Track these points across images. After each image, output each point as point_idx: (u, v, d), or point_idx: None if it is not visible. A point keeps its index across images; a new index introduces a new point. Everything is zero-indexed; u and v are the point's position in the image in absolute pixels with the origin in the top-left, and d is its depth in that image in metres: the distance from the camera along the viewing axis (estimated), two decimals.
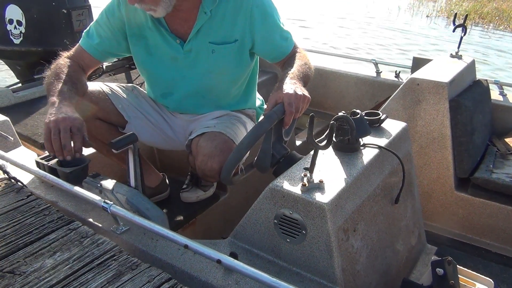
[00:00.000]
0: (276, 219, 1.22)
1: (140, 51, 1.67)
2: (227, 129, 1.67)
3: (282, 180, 1.22)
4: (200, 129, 1.68)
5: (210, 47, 1.60)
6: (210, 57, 1.62)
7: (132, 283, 1.10)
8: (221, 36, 1.59)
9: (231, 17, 1.56)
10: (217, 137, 1.60)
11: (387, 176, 1.42)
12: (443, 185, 2.17)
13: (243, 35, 1.60)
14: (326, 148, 1.12)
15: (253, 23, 1.57)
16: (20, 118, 2.27)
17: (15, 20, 2.85)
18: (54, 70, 1.57)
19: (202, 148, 1.57)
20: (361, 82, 2.96)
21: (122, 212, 1.28)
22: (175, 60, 1.64)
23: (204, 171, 1.56)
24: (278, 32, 1.61)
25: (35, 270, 1.14)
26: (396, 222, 1.50)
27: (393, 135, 1.48)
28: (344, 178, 1.22)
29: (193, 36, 1.58)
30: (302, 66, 1.54)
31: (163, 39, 1.61)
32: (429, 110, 2.11)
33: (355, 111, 1.37)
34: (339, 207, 1.17)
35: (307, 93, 1.41)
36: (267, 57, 1.68)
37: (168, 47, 1.62)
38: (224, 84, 1.72)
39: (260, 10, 1.56)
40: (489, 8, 12.34)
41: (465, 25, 2.43)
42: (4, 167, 1.60)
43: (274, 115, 1.34)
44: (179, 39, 1.60)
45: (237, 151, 1.35)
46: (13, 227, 1.31)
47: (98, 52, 1.65)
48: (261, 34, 1.60)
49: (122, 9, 1.59)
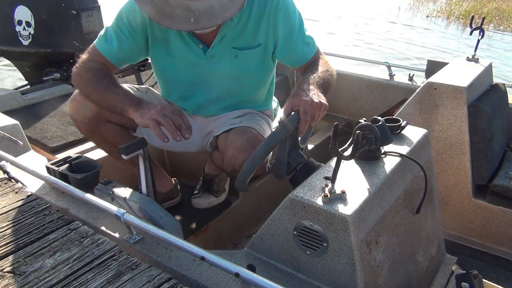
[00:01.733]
0: (295, 231, 1.17)
1: (160, 54, 1.62)
2: (254, 124, 1.64)
3: (302, 190, 1.17)
4: (225, 126, 1.64)
5: (233, 53, 1.56)
6: (233, 63, 1.58)
7: (132, 283, 1.09)
8: (244, 41, 1.55)
9: (254, 21, 1.53)
10: (246, 131, 1.56)
11: (409, 185, 1.37)
12: (461, 192, 2.12)
13: (266, 39, 1.56)
14: (350, 159, 1.08)
15: (276, 26, 1.53)
16: (29, 121, 2.24)
17: (24, 21, 2.82)
18: (95, 77, 1.48)
19: (233, 142, 1.53)
20: (374, 85, 2.91)
21: (136, 222, 1.24)
22: (195, 65, 1.60)
23: (234, 166, 1.51)
24: (301, 36, 1.57)
25: (35, 270, 1.13)
26: (417, 232, 1.45)
27: (414, 143, 1.43)
28: (366, 188, 1.18)
29: (217, 42, 1.54)
30: (323, 72, 1.50)
31: (185, 43, 1.56)
32: (447, 115, 2.05)
33: (376, 118, 1.32)
34: (362, 219, 1.12)
35: (324, 100, 1.36)
36: (288, 62, 1.64)
37: (189, 52, 1.57)
38: (247, 89, 1.69)
39: (283, 13, 1.52)
40: (489, 8, 12.29)
41: (482, 28, 2.37)
42: (4, 167, 1.57)
43: (289, 124, 1.30)
44: (202, 44, 1.55)
45: (251, 161, 1.31)
46: (13, 227, 1.30)
47: (117, 59, 1.56)
48: (283, 38, 1.56)
49: (142, 15, 1.52)
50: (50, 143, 2.04)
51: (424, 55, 7.71)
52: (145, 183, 1.46)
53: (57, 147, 2.03)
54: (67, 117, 2.33)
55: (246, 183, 1.37)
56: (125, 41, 1.54)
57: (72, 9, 2.80)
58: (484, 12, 11.83)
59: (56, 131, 2.15)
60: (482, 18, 2.48)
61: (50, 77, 2.84)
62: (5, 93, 2.42)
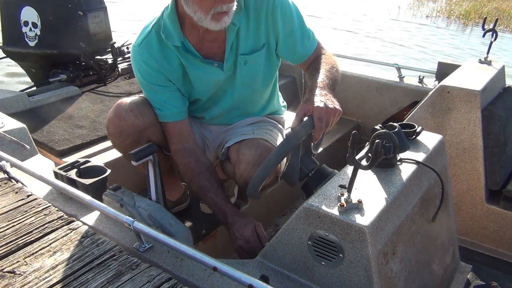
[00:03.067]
0: (310, 241, 1.14)
1: (186, 88, 1.59)
2: (267, 135, 1.62)
3: (317, 199, 1.14)
4: (237, 136, 1.62)
5: (242, 59, 1.53)
6: (243, 69, 1.55)
7: (132, 283, 1.09)
8: (250, 45, 1.52)
9: (255, 22, 1.49)
10: (260, 145, 1.54)
11: (425, 192, 1.34)
12: (473, 197, 2.08)
13: (268, 37, 1.53)
14: (369, 169, 1.04)
15: (275, 22, 1.50)
16: (36, 124, 2.22)
17: (30, 22, 2.80)
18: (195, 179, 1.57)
19: (246, 155, 1.51)
20: (383, 87, 2.87)
21: (146, 230, 1.21)
22: (216, 83, 1.58)
23: (246, 180, 1.49)
24: (300, 29, 1.54)
25: (35, 270, 1.13)
26: (433, 241, 1.42)
27: (430, 149, 1.39)
28: (383, 197, 1.15)
29: (228, 53, 1.51)
30: (330, 70, 1.47)
31: (201, 70, 1.53)
32: (460, 119, 2.01)
33: (392, 124, 1.28)
34: (380, 229, 1.09)
35: (338, 105, 1.34)
36: (291, 58, 1.60)
37: (208, 75, 1.54)
38: (257, 92, 1.66)
39: (281, 9, 1.49)
40: (489, 8, 12.27)
41: (495, 30, 2.33)
42: (4, 167, 1.57)
43: (302, 131, 1.27)
44: (216, 62, 1.52)
45: (264, 168, 1.28)
46: (13, 227, 1.30)
47: (181, 112, 1.57)
48: (283, 34, 1.52)
49: (153, 64, 1.50)
50: (57, 146, 2.01)
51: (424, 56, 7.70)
52: (154, 190, 1.43)
53: (64, 150, 2.01)
54: (74, 120, 2.31)
55: (258, 190, 1.35)
56: (169, 95, 1.54)
57: (79, 10, 2.78)
58: (484, 12, 11.83)
59: (63, 134, 2.13)
60: (495, 20, 2.43)
61: (56, 78, 2.82)
62: (12, 95, 2.40)
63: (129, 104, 1.55)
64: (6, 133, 1.74)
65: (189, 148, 1.59)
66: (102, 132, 2.18)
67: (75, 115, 2.37)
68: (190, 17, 1.37)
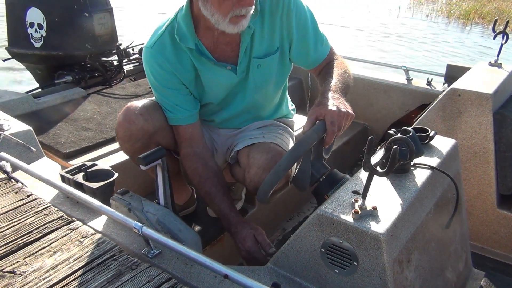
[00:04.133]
0: (323, 248, 1.12)
1: (198, 91, 1.57)
2: (277, 139, 1.59)
3: (330, 205, 1.11)
4: (246, 139, 1.59)
5: (255, 63, 1.51)
6: (256, 73, 1.52)
7: (132, 283, 1.09)
8: (264, 49, 1.50)
9: (269, 25, 1.47)
10: (271, 149, 1.52)
11: (439, 198, 1.31)
12: (484, 202, 2.05)
13: (282, 41, 1.51)
14: (385, 175, 1.02)
15: (290, 26, 1.48)
16: (42, 126, 2.20)
17: (36, 24, 2.78)
18: (202, 184, 1.56)
19: (256, 160, 1.49)
20: (391, 89, 2.85)
21: (155, 236, 1.19)
22: (228, 87, 1.56)
23: (257, 184, 1.47)
24: (314, 34, 1.52)
25: (35, 270, 1.13)
26: (446, 248, 1.39)
27: (444, 154, 1.37)
28: (398, 203, 1.12)
29: (242, 56, 1.49)
30: (342, 75, 1.45)
31: (214, 73, 1.51)
32: (471, 122, 1.99)
33: (406, 129, 1.26)
34: (395, 237, 1.06)
35: (350, 109, 1.32)
36: (303, 63, 1.58)
37: (221, 79, 1.52)
38: (268, 96, 1.64)
39: (296, 12, 1.47)
40: (489, 8, 12.27)
41: (506, 32, 2.30)
42: (4, 167, 1.56)
43: (314, 135, 1.25)
44: (230, 65, 1.50)
45: (275, 173, 1.26)
46: (13, 227, 1.30)
47: (191, 116, 1.55)
48: (297, 38, 1.50)
49: (166, 67, 1.47)
50: (63, 149, 2.00)
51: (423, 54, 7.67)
52: (163, 194, 1.41)
53: (71, 153, 1.99)
54: (80, 122, 2.30)
55: (269, 195, 1.32)
56: (181, 99, 1.52)
57: (85, 11, 2.76)
58: (484, 12, 11.80)
59: (69, 136, 2.11)
60: (506, 22, 2.41)
61: (62, 80, 2.80)
62: (17, 96, 2.38)
63: (139, 108, 1.53)
64: (13, 136, 1.72)
65: (198, 152, 1.57)
66: (108, 135, 2.16)
67: (81, 117, 2.35)
68: (206, 19, 1.35)
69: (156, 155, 1.37)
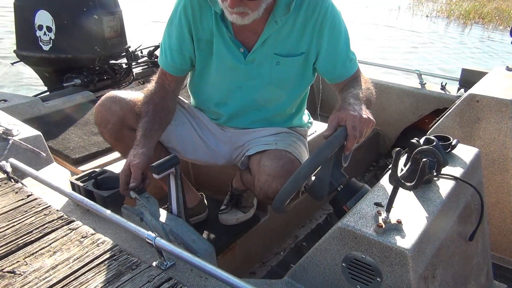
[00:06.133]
0: (344, 262, 1.07)
1: (202, 57, 1.54)
2: (291, 147, 1.55)
3: (352, 218, 1.07)
4: (259, 145, 1.55)
5: (275, 59, 1.47)
6: (273, 69, 1.49)
7: (132, 283, 1.08)
8: (287, 48, 1.46)
9: (300, 28, 1.43)
10: (282, 156, 1.47)
11: (462, 210, 1.26)
12: (502, 210, 1.99)
13: (309, 48, 1.47)
14: (414, 189, 0.97)
15: (322, 35, 1.44)
16: (51, 130, 2.17)
17: (44, 26, 2.76)
18: (144, 100, 1.53)
19: (267, 167, 1.44)
20: (404, 94, 2.80)
21: (169, 248, 1.15)
22: (234, 69, 1.51)
23: (267, 193, 1.42)
24: (344, 50, 1.48)
25: (35, 270, 1.12)
26: (469, 261, 1.34)
27: (467, 164, 1.32)
28: (423, 216, 1.07)
29: (258, 46, 1.45)
30: (366, 90, 1.42)
31: (226, 46, 1.47)
32: (489, 129, 1.93)
33: (429, 138, 1.21)
34: (421, 252, 1.02)
35: (372, 116, 1.28)
36: (328, 76, 1.54)
37: (230, 55, 1.48)
38: (282, 99, 1.59)
39: (331, 23, 1.43)
40: (489, 8, 12.28)
41: None
42: (4, 167, 1.54)
43: (336, 141, 1.20)
44: (243, 48, 1.46)
45: (293, 181, 1.21)
46: (13, 227, 1.29)
47: (176, 69, 1.55)
48: (326, 49, 1.46)
49: (189, 13, 1.45)
50: (72, 154, 1.96)
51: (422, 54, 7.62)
52: (176, 203, 1.37)
53: (80, 158, 1.96)
54: (89, 126, 2.27)
55: (285, 204, 1.28)
56: (178, 48, 1.51)
57: (94, 13, 2.73)
58: (484, 12, 11.74)
59: (78, 141, 2.08)
60: None
61: (71, 83, 2.77)
62: (26, 100, 2.36)
63: (111, 93, 1.58)
64: (22, 141, 1.70)
65: (166, 89, 1.57)
66: None
67: (90, 121, 2.32)
68: None
69: (169, 163, 1.33)
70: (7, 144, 1.66)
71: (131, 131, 1.54)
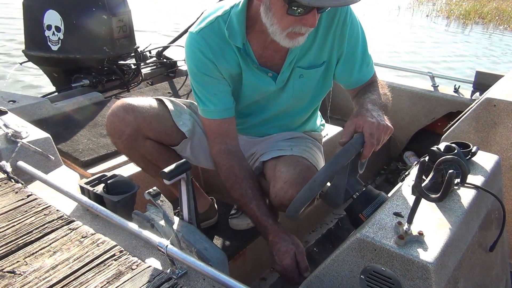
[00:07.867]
0: (363, 275, 1.03)
1: (234, 89, 1.50)
2: (306, 153, 1.51)
3: (371, 229, 1.03)
4: (274, 151, 1.52)
5: (298, 72, 1.44)
6: (296, 82, 1.46)
7: (132, 283, 1.08)
8: (310, 60, 1.43)
9: (321, 38, 1.41)
10: (299, 163, 1.44)
11: (483, 220, 1.22)
12: None
13: (330, 55, 1.44)
14: (439, 201, 0.94)
15: (343, 41, 1.41)
16: (60, 132, 2.15)
17: (53, 26, 2.75)
18: (238, 185, 1.45)
19: (283, 173, 1.40)
20: (416, 96, 2.75)
21: (181, 256, 1.12)
22: (266, 92, 1.49)
23: (282, 200, 1.38)
24: (363, 54, 1.45)
25: (35, 270, 1.13)
26: (489, 272, 1.30)
27: (488, 172, 1.28)
28: (445, 227, 1.03)
29: (286, 67, 1.42)
30: (383, 95, 1.39)
31: (255, 76, 1.44)
32: (507, 134, 1.89)
33: (450, 146, 1.17)
34: (443, 265, 0.98)
35: (389, 123, 1.24)
36: (345, 81, 1.51)
37: (260, 83, 1.45)
38: (302, 108, 1.57)
39: (350, 28, 1.40)
40: (489, 8, 12.24)
41: None
42: (4, 167, 1.53)
43: (352, 149, 1.17)
44: (271, 72, 1.43)
45: (309, 189, 1.18)
46: (13, 227, 1.29)
47: (229, 109, 1.47)
48: (346, 52, 1.43)
49: (208, 55, 1.40)
50: (81, 156, 1.94)
51: None
52: (187, 209, 1.35)
53: (89, 161, 1.94)
54: (98, 128, 2.24)
55: (300, 212, 1.24)
56: (220, 90, 1.45)
57: (103, 13, 2.72)
58: (484, 12, 11.68)
59: (87, 143, 2.06)
60: None
61: (79, 83, 2.76)
62: (35, 101, 2.34)
63: (124, 101, 1.52)
64: (31, 143, 1.67)
65: (233, 150, 1.48)
66: None
67: (99, 122, 2.30)
68: (263, 25, 1.28)
69: (180, 169, 1.31)
70: (16, 147, 1.64)
71: (146, 140, 1.52)
